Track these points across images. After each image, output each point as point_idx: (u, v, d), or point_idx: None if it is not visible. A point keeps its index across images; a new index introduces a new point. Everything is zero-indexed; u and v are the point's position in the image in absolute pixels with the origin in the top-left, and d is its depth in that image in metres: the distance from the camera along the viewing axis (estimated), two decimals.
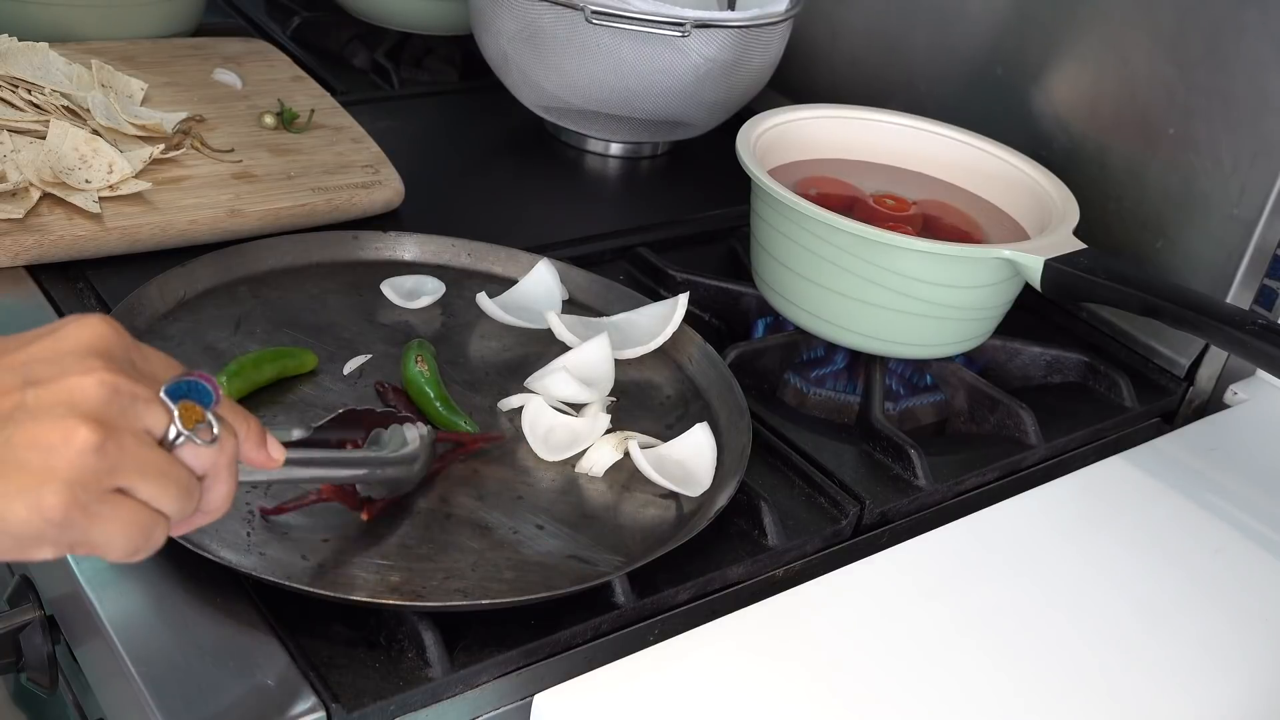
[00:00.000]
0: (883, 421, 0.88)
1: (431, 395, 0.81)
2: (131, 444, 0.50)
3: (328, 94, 1.17)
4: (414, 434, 0.73)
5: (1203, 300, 0.83)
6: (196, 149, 1.03)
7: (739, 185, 0.95)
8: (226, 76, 1.15)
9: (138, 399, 0.50)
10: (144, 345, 0.54)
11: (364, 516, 0.71)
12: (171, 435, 0.51)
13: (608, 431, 0.82)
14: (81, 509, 0.48)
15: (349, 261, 0.96)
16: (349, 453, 0.72)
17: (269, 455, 0.57)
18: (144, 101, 1.07)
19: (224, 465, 0.53)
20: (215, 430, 0.52)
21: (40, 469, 0.47)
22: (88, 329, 0.51)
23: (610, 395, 0.86)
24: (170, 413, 0.51)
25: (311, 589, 0.66)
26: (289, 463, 0.59)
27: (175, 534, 0.55)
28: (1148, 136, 1.03)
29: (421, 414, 0.80)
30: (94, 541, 0.50)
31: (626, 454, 0.80)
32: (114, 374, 0.50)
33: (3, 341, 0.51)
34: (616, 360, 0.88)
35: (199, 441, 0.51)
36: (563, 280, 0.96)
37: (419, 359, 0.82)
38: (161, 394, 0.51)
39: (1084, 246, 0.88)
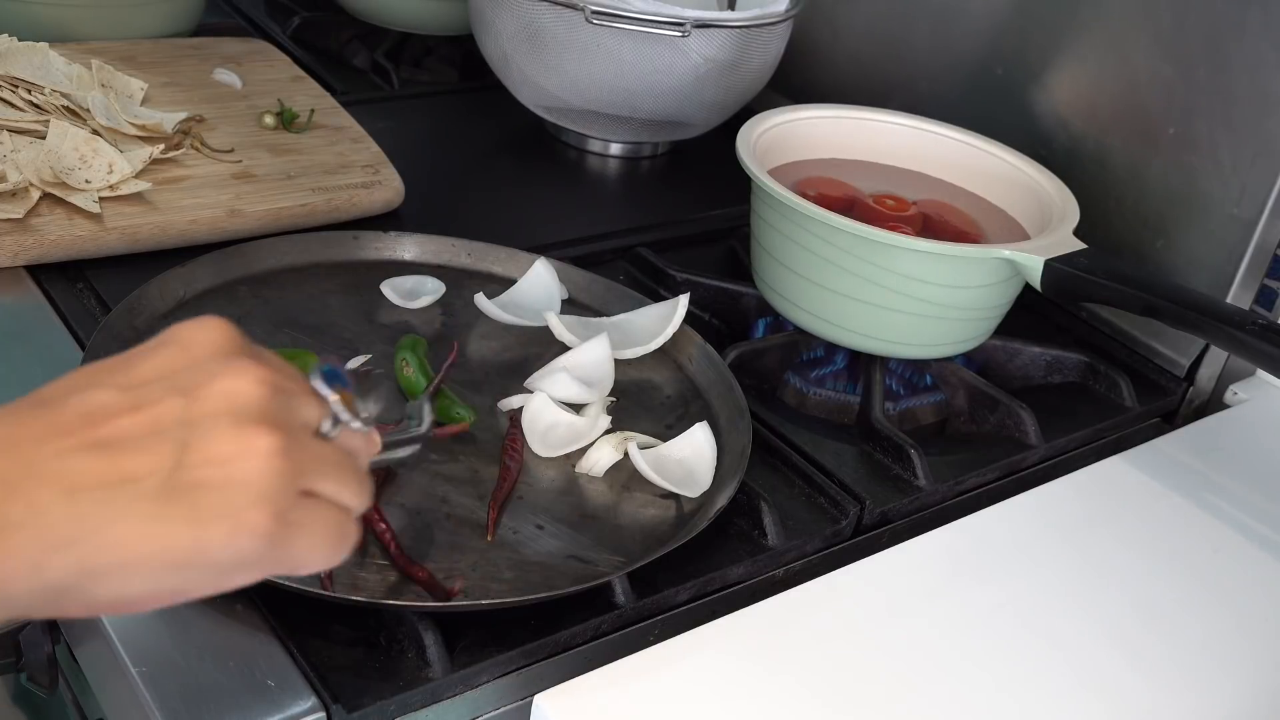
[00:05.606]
0: (883, 421, 0.88)
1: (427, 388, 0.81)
2: (307, 441, 0.45)
3: (328, 94, 1.17)
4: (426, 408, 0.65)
5: (1203, 300, 0.83)
6: (196, 149, 1.03)
7: (739, 185, 0.94)
8: (226, 76, 1.15)
9: (294, 394, 0.46)
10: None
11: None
12: (327, 427, 0.47)
13: (608, 431, 0.82)
14: (283, 521, 0.43)
15: (349, 261, 0.96)
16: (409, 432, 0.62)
17: (373, 440, 0.51)
18: (144, 101, 1.07)
19: (368, 450, 0.50)
20: (364, 413, 0.48)
21: (228, 485, 0.42)
22: (213, 331, 0.46)
23: (610, 395, 0.86)
24: (326, 402, 0.47)
25: (311, 589, 0.66)
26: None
27: None
28: (1148, 136, 1.03)
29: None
30: (297, 553, 0.45)
31: (627, 454, 0.80)
32: (266, 369, 0.45)
33: (110, 363, 0.45)
34: (616, 360, 0.88)
35: (356, 426, 0.47)
36: (562, 280, 0.95)
37: (405, 363, 0.83)
38: (314, 383, 0.47)
39: (1084, 246, 0.88)
